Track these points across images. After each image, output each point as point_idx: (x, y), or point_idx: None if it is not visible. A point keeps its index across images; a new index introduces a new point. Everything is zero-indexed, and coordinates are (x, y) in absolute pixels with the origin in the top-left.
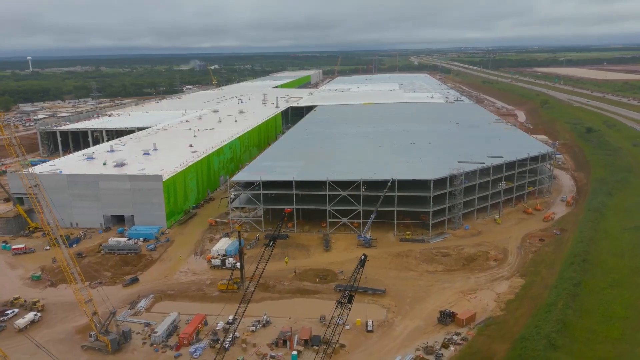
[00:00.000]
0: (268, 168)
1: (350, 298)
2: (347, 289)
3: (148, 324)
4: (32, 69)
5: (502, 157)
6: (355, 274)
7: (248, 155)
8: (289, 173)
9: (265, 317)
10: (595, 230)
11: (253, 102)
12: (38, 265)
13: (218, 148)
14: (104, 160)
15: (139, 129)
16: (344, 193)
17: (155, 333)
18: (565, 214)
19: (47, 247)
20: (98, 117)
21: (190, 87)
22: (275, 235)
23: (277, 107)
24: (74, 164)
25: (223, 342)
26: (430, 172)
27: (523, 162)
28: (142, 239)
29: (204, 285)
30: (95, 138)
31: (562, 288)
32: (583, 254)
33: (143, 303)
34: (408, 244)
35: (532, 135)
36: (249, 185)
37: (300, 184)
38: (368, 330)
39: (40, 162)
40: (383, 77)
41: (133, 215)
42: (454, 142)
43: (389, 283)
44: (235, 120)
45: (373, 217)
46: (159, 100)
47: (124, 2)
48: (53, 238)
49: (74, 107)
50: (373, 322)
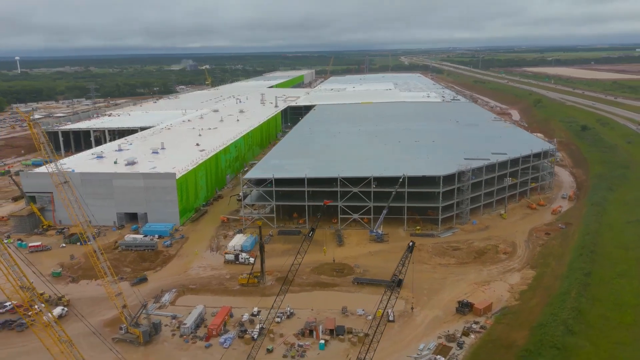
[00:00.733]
0: (277, 166)
1: (400, 282)
2: (365, 282)
3: (175, 317)
4: (20, 70)
5: (506, 153)
6: (404, 260)
7: (252, 154)
8: (300, 170)
9: (289, 309)
10: (600, 224)
11: (251, 101)
12: (56, 263)
13: (225, 147)
14: (115, 159)
15: (142, 129)
16: (355, 189)
17: (185, 325)
18: (568, 209)
19: (62, 244)
20: (98, 117)
21: (184, 87)
22: (314, 227)
23: (276, 106)
24: (84, 163)
25: (262, 330)
26: (439, 168)
27: (526, 158)
28: (157, 236)
29: (224, 280)
30: (97, 138)
31: (573, 278)
32: (591, 246)
33: (167, 297)
34: (419, 239)
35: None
36: (260, 183)
37: (311, 181)
38: (389, 320)
39: (45, 162)
40: (377, 76)
41: (146, 213)
42: (457, 139)
43: (406, 276)
44: (237, 120)
45: (385, 212)
46: (157, 100)
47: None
48: (84, 233)
49: (68, 107)
50: (393, 312)
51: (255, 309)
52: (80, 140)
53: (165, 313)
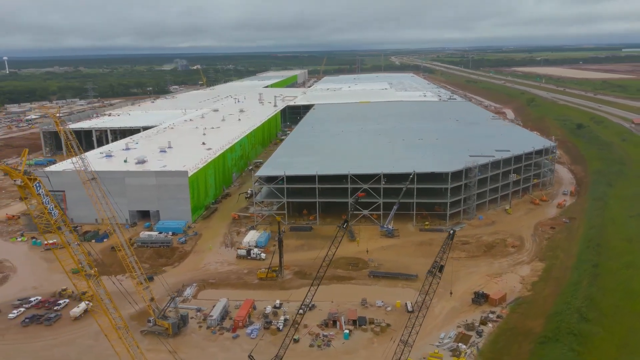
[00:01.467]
0: (286, 164)
1: (441, 268)
2: (380, 275)
3: (200, 309)
4: (8, 70)
5: (509, 150)
6: (444, 247)
7: (255, 153)
8: (309, 168)
9: (309, 301)
10: (603, 218)
11: (250, 101)
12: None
13: (231, 145)
14: (125, 158)
15: (145, 128)
16: (365, 186)
17: (211, 317)
18: (570, 204)
19: (77, 242)
20: (97, 116)
21: (177, 87)
22: (347, 219)
23: (275, 106)
24: (94, 162)
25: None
26: (446, 165)
27: (529, 155)
28: (170, 233)
29: (243, 274)
30: (98, 137)
31: (582, 269)
32: (596, 239)
33: (189, 291)
34: (428, 234)
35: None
36: (271, 180)
37: (321, 178)
38: (408, 311)
39: (48, 161)
40: (370, 76)
41: (158, 211)
42: (459, 137)
43: (418, 269)
44: (239, 119)
45: (395, 208)
46: (154, 100)
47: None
48: (112, 228)
49: (63, 107)
50: (411, 303)
51: (278, 302)
52: (82, 140)
53: (190, 306)
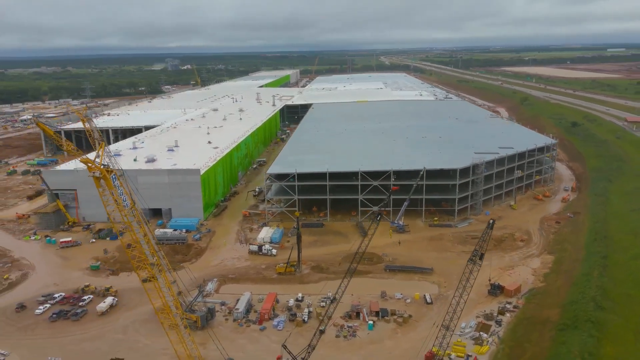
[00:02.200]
0: (295, 161)
1: (482, 255)
2: (396, 269)
3: (224, 303)
4: None
5: (512, 148)
6: (485, 236)
7: (257, 152)
8: (318, 165)
9: (330, 294)
10: (606, 212)
11: (247, 101)
12: (90, 257)
13: (237, 144)
14: (134, 157)
15: (147, 128)
16: (376, 183)
17: (237, 310)
18: (572, 200)
19: (92, 239)
20: (97, 116)
21: (169, 87)
22: (381, 212)
23: (273, 105)
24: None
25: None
26: (453, 162)
27: (531, 152)
28: (184, 230)
29: (261, 269)
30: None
31: (592, 261)
32: (602, 232)
33: (210, 286)
34: (438, 229)
35: None
36: (281, 177)
37: (331, 175)
38: (427, 303)
39: (49, 161)
40: (364, 76)
41: (171, 209)
42: (461, 135)
43: (432, 263)
44: (240, 118)
45: (406, 204)
46: (151, 100)
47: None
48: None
49: (57, 107)
50: (430, 295)
51: (300, 295)
52: (82, 140)
53: (214, 300)
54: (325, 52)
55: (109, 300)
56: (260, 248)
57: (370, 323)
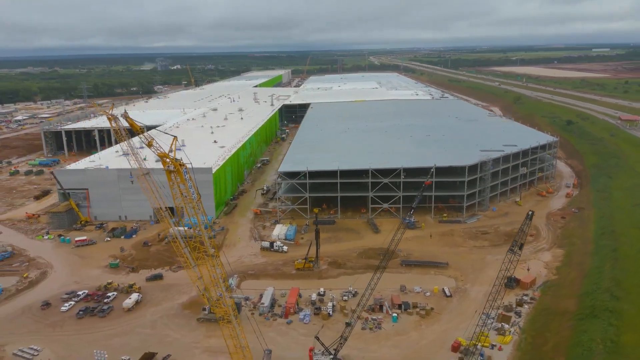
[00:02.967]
0: (304, 160)
1: (521, 245)
2: (412, 263)
3: (248, 298)
4: None
5: (516, 145)
6: (524, 227)
7: (260, 151)
8: (328, 164)
9: (351, 288)
10: (611, 207)
11: (244, 100)
12: (106, 255)
13: (242, 143)
14: (144, 156)
15: (148, 128)
16: (386, 180)
17: (263, 304)
18: (575, 196)
19: (107, 238)
20: (95, 116)
21: (161, 87)
22: (415, 206)
23: (271, 105)
24: (114, 160)
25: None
26: (460, 159)
27: (534, 150)
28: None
29: (279, 265)
30: (100, 137)
31: (602, 254)
32: (609, 226)
33: (232, 281)
34: (448, 225)
35: None
36: (292, 176)
37: (341, 174)
38: (447, 296)
39: (51, 161)
40: (356, 76)
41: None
42: (463, 133)
43: (446, 258)
44: (241, 118)
45: (417, 201)
46: (147, 100)
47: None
48: (175, 219)
49: (49, 108)
50: (449, 288)
51: (322, 289)
52: (82, 140)
53: (238, 295)
54: (313, 52)
55: (135, 297)
56: (272, 245)
57: (395, 315)
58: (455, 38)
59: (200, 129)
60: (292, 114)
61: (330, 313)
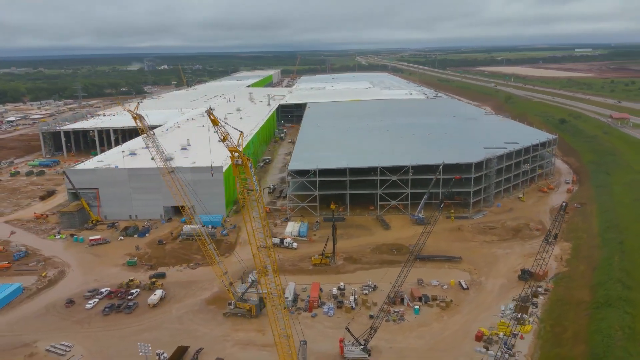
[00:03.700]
0: (312, 158)
1: (556, 236)
2: (426, 258)
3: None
4: None
5: (517, 143)
6: (559, 217)
7: (261, 150)
8: (336, 162)
9: (370, 282)
10: (612, 202)
11: (240, 100)
12: (122, 254)
13: (247, 142)
14: (151, 156)
15: (149, 128)
16: (394, 177)
17: (287, 298)
18: (576, 191)
19: (120, 237)
20: (92, 117)
21: (151, 87)
22: (442, 200)
23: (268, 105)
24: (121, 160)
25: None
26: (465, 157)
27: (535, 147)
28: (210, 227)
29: (296, 261)
30: (99, 137)
31: (610, 247)
32: (613, 220)
33: (251, 277)
34: (456, 221)
35: None
36: (301, 174)
37: (350, 171)
38: (464, 289)
39: (51, 162)
40: (348, 76)
41: (193, 206)
42: (464, 132)
43: (458, 252)
44: (240, 118)
45: (426, 198)
46: (142, 100)
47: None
48: (192, 217)
49: (40, 109)
50: (465, 281)
51: (342, 284)
52: (80, 141)
53: (260, 290)
54: (300, 52)
55: (159, 293)
56: (282, 241)
57: (416, 308)
58: (441, 38)
59: (202, 129)
60: (288, 114)
61: (354, 306)
